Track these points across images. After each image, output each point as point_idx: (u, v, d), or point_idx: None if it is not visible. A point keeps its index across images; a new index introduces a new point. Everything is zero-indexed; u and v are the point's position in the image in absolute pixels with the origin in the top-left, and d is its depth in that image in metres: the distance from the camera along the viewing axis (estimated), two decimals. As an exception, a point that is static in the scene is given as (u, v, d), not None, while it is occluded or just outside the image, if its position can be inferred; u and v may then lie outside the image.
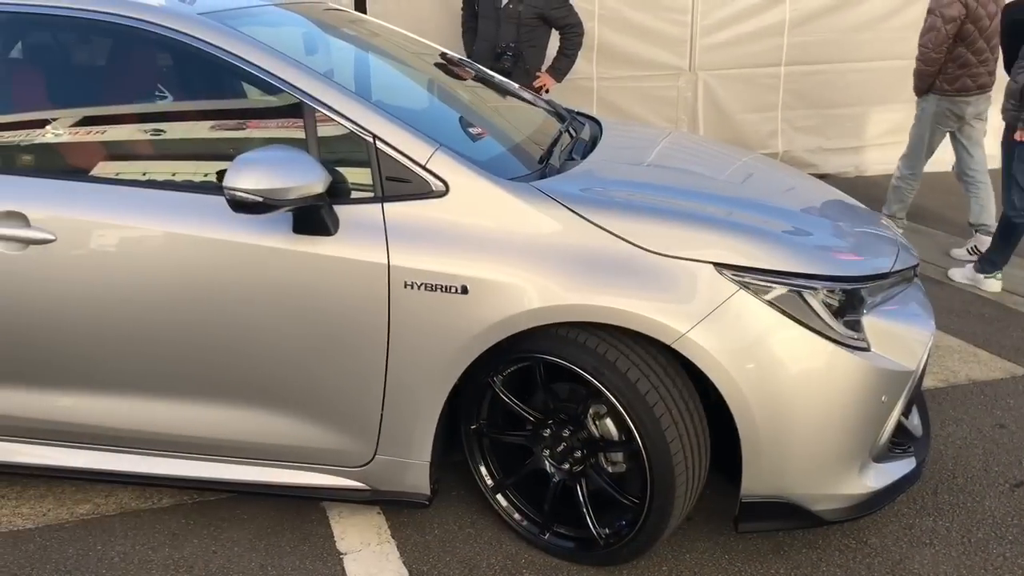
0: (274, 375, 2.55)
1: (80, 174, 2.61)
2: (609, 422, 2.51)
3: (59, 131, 2.70)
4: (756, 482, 2.43)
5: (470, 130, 2.99)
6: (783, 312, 2.33)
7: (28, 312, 2.57)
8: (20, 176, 2.58)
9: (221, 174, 2.33)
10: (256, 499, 2.87)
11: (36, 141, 2.67)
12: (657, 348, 2.39)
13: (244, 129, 2.74)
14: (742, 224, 2.49)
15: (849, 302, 2.42)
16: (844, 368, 2.37)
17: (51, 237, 2.50)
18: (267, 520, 2.82)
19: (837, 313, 2.39)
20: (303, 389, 2.56)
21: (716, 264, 2.34)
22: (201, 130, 2.76)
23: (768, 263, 2.36)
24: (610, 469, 2.57)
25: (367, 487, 2.65)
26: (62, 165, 2.68)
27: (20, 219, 2.51)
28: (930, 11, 5.27)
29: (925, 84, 5.44)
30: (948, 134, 5.56)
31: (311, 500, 2.82)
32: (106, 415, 2.67)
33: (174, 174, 2.63)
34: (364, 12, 5.94)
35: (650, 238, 2.37)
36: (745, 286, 2.33)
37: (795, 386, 2.35)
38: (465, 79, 3.60)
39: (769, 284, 2.34)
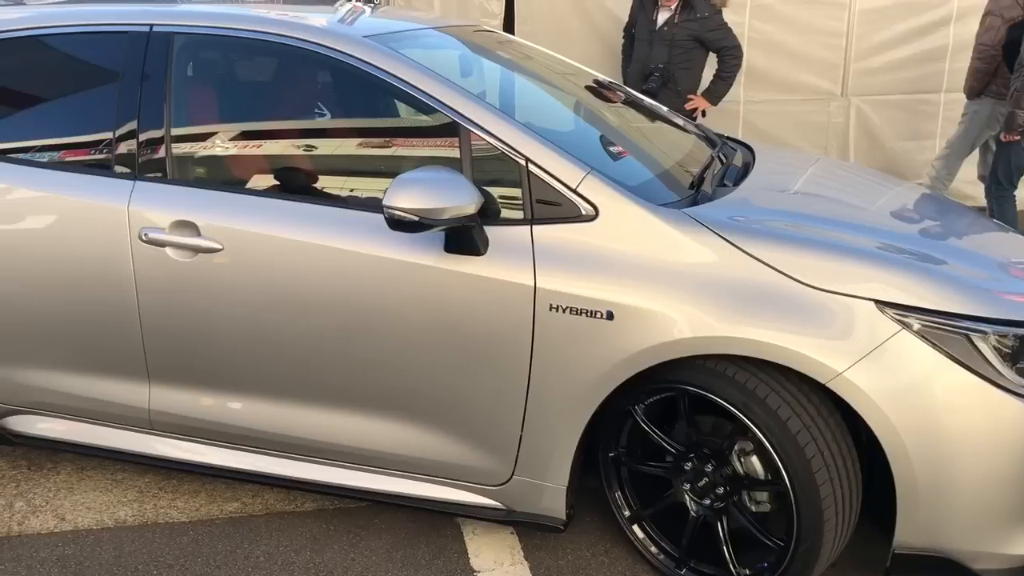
0: (418, 389, 2.60)
1: (247, 187, 2.74)
2: (755, 460, 2.44)
3: (228, 145, 2.85)
4: (911, 533, 2.30)
5: (616, 151, 2.98)
6: (949, 356, 2.20)
7: (193, 316, 2.71)
8: (193, 187, 2.73)
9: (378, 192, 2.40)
10: (393, 509, 2.93)
11: (208, 154, 2.83)
12: (810, 386, 2.30)
13: (401, 148, 2.81)
14: (905, 260, 2.38)
15: (1022, 348, 2.27)
16: (1014, 418, 2.22)
17: (218, 246, 2.63)
18: (404, 531, 2.87)
19: (1009, 359, 2.24)
20: (445, 405, 2.60)
21: (878, 301, 2.23)
22: (360, 148, 2.86)
23: (934, 303, 2.24)
24: (753, 508, 2.49)
25: (503, 507, 2.66)
26: (230, 178, 2.82)
27: (191, 228, 2.65)
28: (988, 12, 5.43)
29: (981, 85, 5.55)
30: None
31: (446, 515, 2.85)
32: (258, 418, 2.78)
33: (334, 190, 2.73)
34: (512, 33, 6.03)
35: (807, 271, 2.29)
36: (908, 326, 2.21)
37: (959, 434, 2.21)
38: (614, 102, 3.59)
39: (934, 325, 2.21)
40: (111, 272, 2.74)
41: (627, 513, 2.69)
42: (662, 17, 5.59)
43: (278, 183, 2.76)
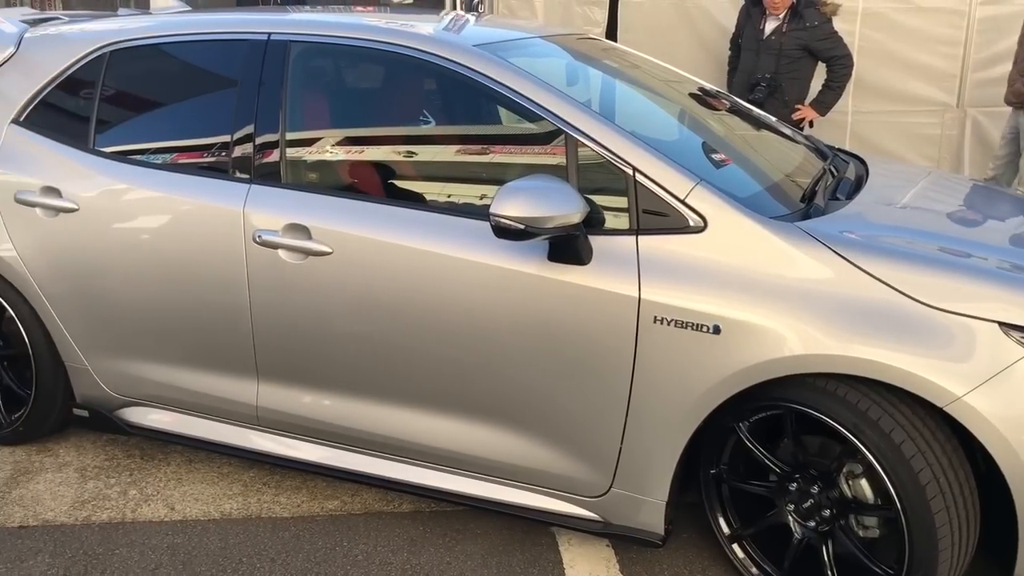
0: (517, 397, 2.60)
1: (356, 192, 2.80)
2: (865, 483, 2.36)
3: (339, 151, 2.91)
4: (1032, 568, 2.18)
5: (722, 161, 2.93)
6: (1081, 384, 2.08)
7: (302, 317, 2.78)
8: (305, 191, 2.81)
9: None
10: (489, 515, 2.94)
11: (320, 159, 2.90)
12: (926, 410, 2.21)
13: (507, 156, 2.83)
14: (1031, 280, 2.26)
15: None
16: None
17: (328, 249, 2.69)
18: (499, 538, 2.87)
19: None
20: (544, 413, 2.59)
21: (1002, 324, 2.13)
22: (467, 155, 2.88)
23: (1066, 328, 2.12)
24: (861, 533, 2.41)
25: (600, 519, 2.64)
26: (341, 183, 2.88)
27: (303, 231, 2.72)
28: None
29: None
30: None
31: (541, 524, 2.84)
32: (360, 418, 2.83)
33: (440, 196, 2.75)
34: (615, 41, 6.00)
35: (926, 290, 2.21)
36: (1035, 350, 2.11)
37: (1088, 466, 2.09)
38: (720, 111, 3.54)
39: (1066, 351, 2.10)
40: (226, 272, 2.84)
41: (727, 532, 2.64)
42: (770, 26, 5.49)
43: (386, 189, 2.81)
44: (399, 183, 2.83)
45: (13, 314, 3.23)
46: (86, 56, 3.19)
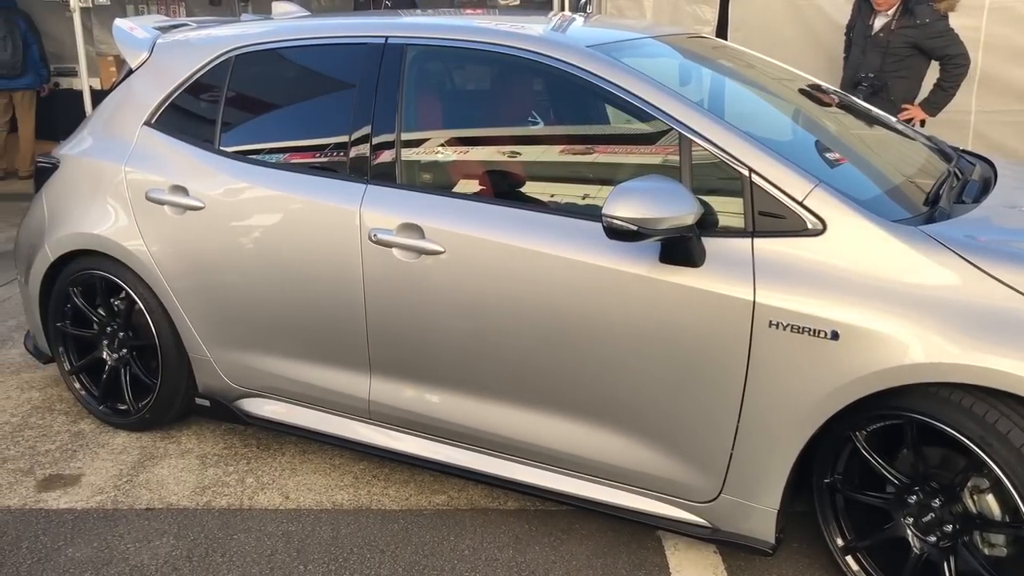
0: (626, 399, 2.59)
1: (468, 192, 2.84)
2: (991, 498, 2.26)
3: (452, 152, 2.96)
4: None
5: (835, 160, 2.84)
6: None
7: (414, 314, 2.84)
8: (419, 192, 2.86)
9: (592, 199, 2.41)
10: (594, 516, 2.94)
11: (433, 160, 2.95)
12: (1060, 423, 2.11)
13: (619, 156, 2.82)
14: None
15: None
16: None
17: (441, 249, 2.74)
18: (604, 539, 2.87)
19: None
20: (653, 415, 2.58)
21: None
22: (578, 156, 2.89)
23: None
24: (987, 551, 2.31)
25: (708, 524, 2.61)
26: (453, 183, 2.93)
27: (417, 231, 2.78)
28: None
29: None
30: None
31: (647, 527, 2.82)
32: (469, 415, 2.87)
33: (551, 197, 2.77)
34: (726, 39, 5.91)
35: (1061, 298, 2.10)
36: None
37: None
38: (835, 110, 3.44)
39: None
40: (342, 269, 2.92)
41: (840, 543, 2.56)
42: (879, 23, 5.30)
43: (498, 189, 2.84)
44: (510, 184, 2.85)
45: (142, 306, 3.40)
46: (212, 61, 3.33)
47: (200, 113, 3.36)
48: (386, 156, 2.91)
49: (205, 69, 3.35)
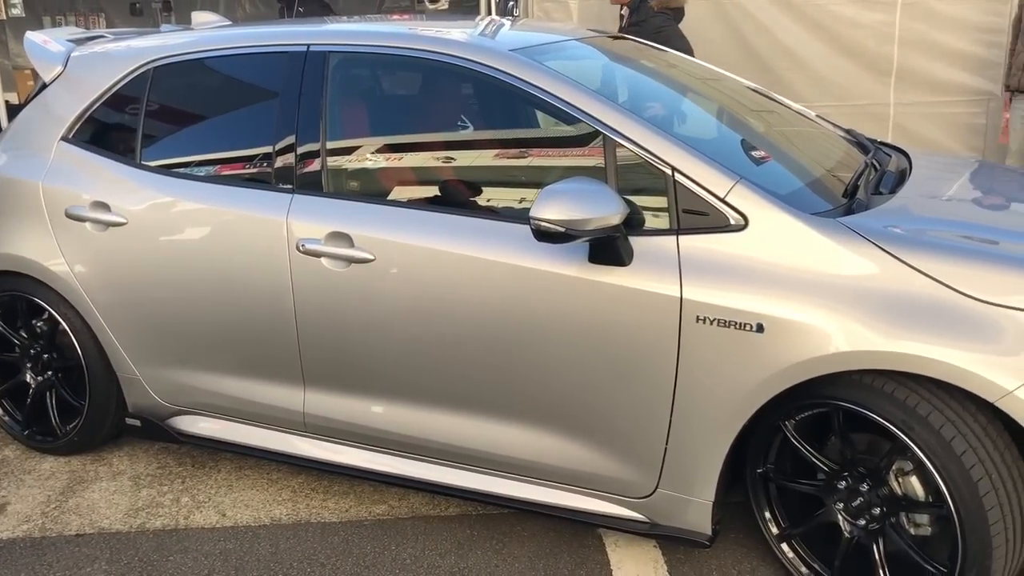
0: (562, 399, 2.61)
1: (397, 199, 2.82)
2: (915, 481, 2.33)
3: (379, 159, 2.94)
4: (1091, 565, 2.14)
5: (760, 157, 2.91)
6: None
7: (346, 324, 2.81)
8: (346, 200, 2.84)
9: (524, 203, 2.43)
10: (535, 518, 2.95)
11: (360, 167, 2.93)
12: (976, 405, 2.18)
13: (545, 159, 2.83)
14: (1083, 271, 2.22)
15: None
16: None
17: (371, 257, 2.72)
18: (546, 540, 2.88)
19: None
20: (589, 415, 2.59)
21: (1053, 316, 2.09)
22: (505, 160, 2.90)
23: (1118, 318, 2.08)
24: (912, 531, 2.38)
25: (646, 520, 2.64)
26: (381, 190, 2.91)
27: (346, 239, 2.76)
28: None
29: None
30: None
31: (588, 525, 2.84)
32: (405, 423, 2.86)
33: (480, 201, 2.77)
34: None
35: (973, 283, 2.17)
36: (1088, 342, 2.06)
37: None
38: (760, 108, 3.51)
39: (1119, 342, 2.06)
40: (271, 281, 2.88)
41: (775, 531, 2.62)
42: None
43: (426, 195, 2.83)
44: (439, 189, 2.85)
45: (66, 326, 3.31)
46: (131, 73, 3.26)
47: (120, 127, 3.28)
48: (312, 165, 2.88)
49: (124, 81, 3.27)
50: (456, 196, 2.82)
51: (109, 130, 3.30)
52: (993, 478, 2.16)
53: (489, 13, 6.80)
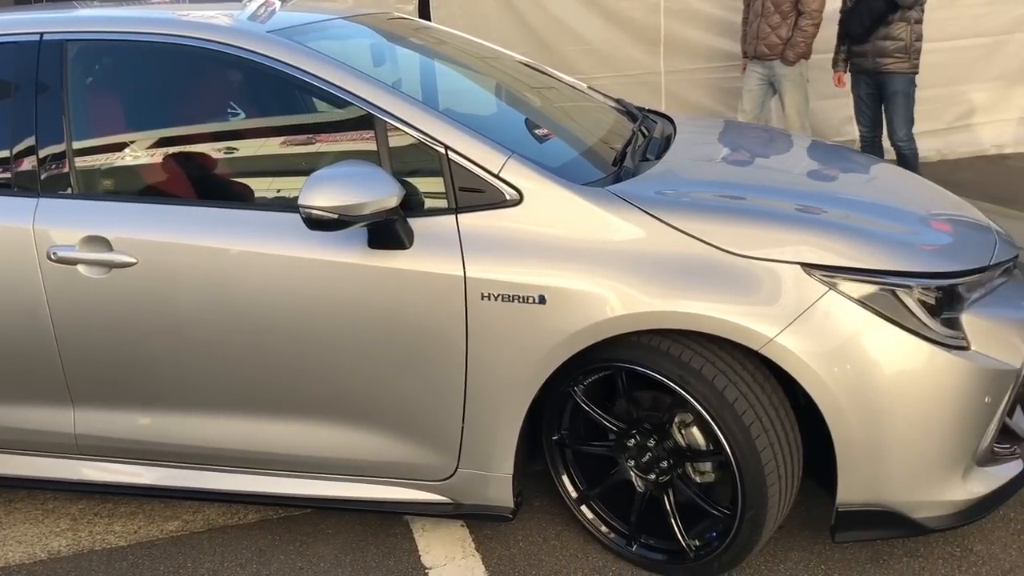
0: (354, 389, 2.54)
1: (158, 196, 2.64)
2: (696, 431, 2.44)
3: (136, 154, 2.74)
4: (853, 490, 2.32)
5: (539, 133, 2.95)
6: (876, 312, 2.23)
7: (112, 335, 2.61)
8: (101, 200, 2.62)
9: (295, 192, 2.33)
10: (340, 514, 2.88)
11: (114, 165, 2.72)
12: (744, 354, 2.31)
13: (317, 144, 2.74)
14: (828, 221, 2.40)
15: (946, 299, 2.30)
16: (943, 369, 2.26)
17: (132, 260, 2.53)
18: (352, 535, 2.82)
19: (934, 311, 2.27)
20: (382, 403, 2.55)
21: (804, 264, 2.25)
22: (275, 147, 2.77)
23: (858, 261, 2.26)
24: (698, 479, 2.50)
25: (450, 501, 2.63)
26: (140, 188, 2.71)
27: (103, 243, 2.55)
28: None
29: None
30: None
31: (395, 514, 2.80)
32: (190, 433, 2.70)
33: (250, 193, 2.64)
34: (428, 20, 5.95)
35: (732, 239, 2.29)
36: (834, 286, 2.23)
37: (891, 389, 2.24)
38: (536, 84, 3.55)
39: (860, 283, 2.24)
40: (22, 296, 2.62)
41: (574, 495, 2.68)
42: None
43: (190, 190, 2.67)
44: (204, 183, 2.69)
45: None
46: None
47: None
48: (57, 166, 2.64)
49: None
50: (223, 189, 2.68)
51: None
52: (763, 422, 2.30)
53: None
